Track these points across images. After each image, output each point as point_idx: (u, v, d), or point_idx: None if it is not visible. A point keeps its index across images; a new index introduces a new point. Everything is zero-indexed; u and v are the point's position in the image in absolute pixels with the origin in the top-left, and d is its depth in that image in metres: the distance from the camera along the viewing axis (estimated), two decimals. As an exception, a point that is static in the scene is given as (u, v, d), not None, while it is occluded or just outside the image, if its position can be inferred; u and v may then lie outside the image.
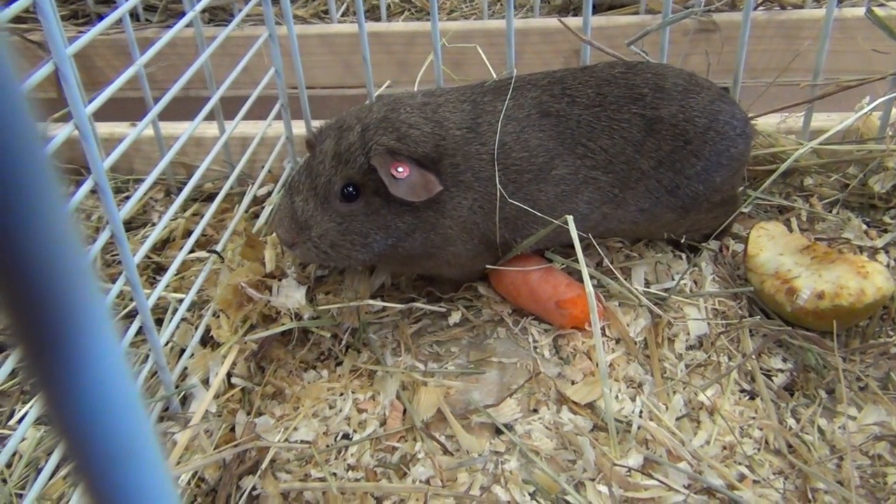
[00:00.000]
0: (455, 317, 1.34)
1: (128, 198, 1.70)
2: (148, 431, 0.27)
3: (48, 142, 0.90)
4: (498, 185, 1.21)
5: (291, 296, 1.26)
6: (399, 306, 1.33)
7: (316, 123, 1.54)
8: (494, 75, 1.44)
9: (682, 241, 1.37)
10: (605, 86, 1.26)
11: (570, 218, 1.16)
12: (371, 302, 1.31)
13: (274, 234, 1.46)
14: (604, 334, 1.27)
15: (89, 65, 2.13)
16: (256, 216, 1.59)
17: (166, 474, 0.28)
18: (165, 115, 1.52)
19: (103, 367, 0.26)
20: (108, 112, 1.36)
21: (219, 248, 1.40)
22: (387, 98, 1.26)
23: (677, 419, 1.14)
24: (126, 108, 1.69)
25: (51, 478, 1.08)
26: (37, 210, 0.24)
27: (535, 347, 1.28)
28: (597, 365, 1.23)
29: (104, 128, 1.75)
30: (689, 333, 1.26)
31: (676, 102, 1.26)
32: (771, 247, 1.32)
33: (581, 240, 1.19)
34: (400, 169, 1.16)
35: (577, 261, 1.27)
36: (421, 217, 1.20)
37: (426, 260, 1.25)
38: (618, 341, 1.27)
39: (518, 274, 1.31)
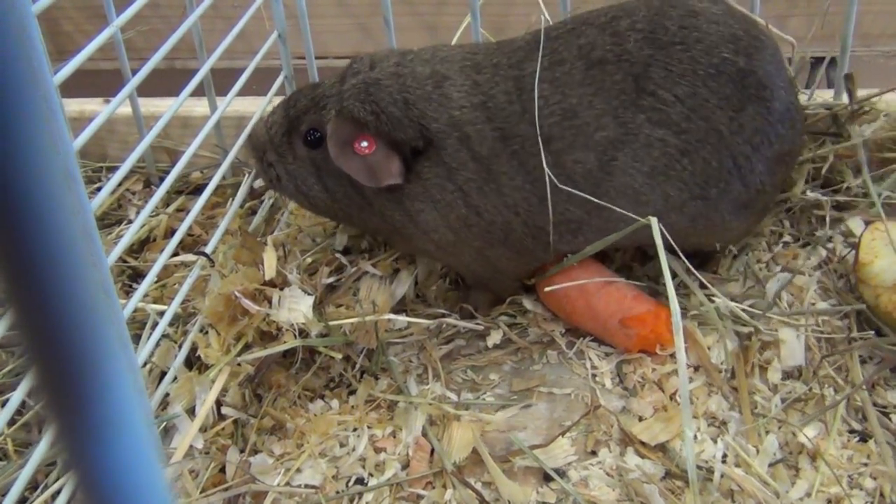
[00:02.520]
0: (495, 336, 1.34)
1: (99, 189, 1.72)
2: (164, 490, 0.32)
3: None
4: (546, 170, 1.21)
5: (295, 308, 1.27)
6: (426, 322, 1.33)
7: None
8: (548, 23, 1.43)
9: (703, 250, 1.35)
10: (692, 18, 1.25)
11: (654, 220, 1.15)
12: (392, 317, 1.31)
13: (274, 235, 1.48)
14: (679, 360, 1.26)
15: (56, 30, 2.17)
16: (253, 212, 1.60)
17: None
18: (145, 90, 1.53)
19: (125, 429, 0.31)
20: (78, 86, 1.38)
21: (208, 250, 1.41)
22: (397, 57, 1.29)
23: (770, 465, 1.13)
24: (99, 81, 1.72)
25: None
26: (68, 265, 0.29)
27: (594, 375, 1.27)
28: (671, 397, 1.22)
29: (72, 104, 1.78)
30: (785, 360, 1.25)
31: (771, 57, 1.25)
32: (888, 253, 1.30)
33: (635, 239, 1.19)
34: (364, 144, 1.22)
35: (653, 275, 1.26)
36: (380, 196, 1.26)
37: (404, 241, 1.32)
38: (697, 369, 1.26)
39: (573, 285, 1.30)
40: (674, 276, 1.33)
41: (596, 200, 1.21)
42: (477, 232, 1.26)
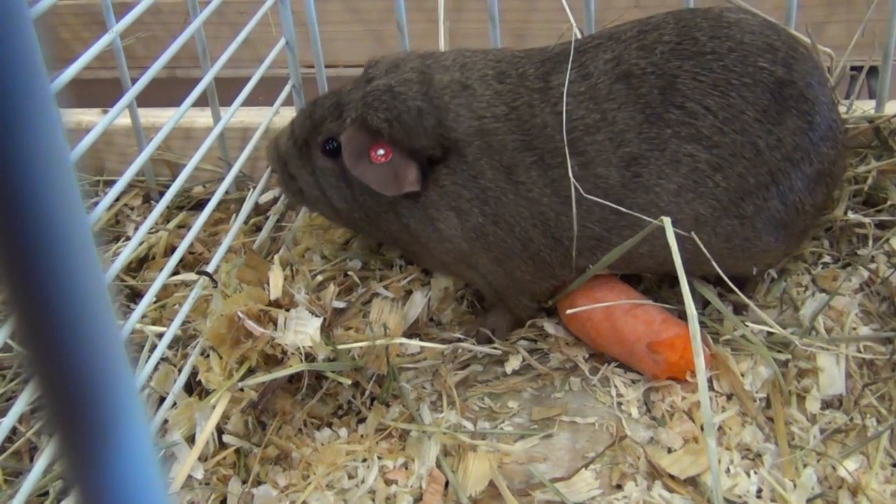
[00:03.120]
0: (514, 362, 1.34)
1: (97, 203, 1.73)
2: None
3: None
4: (571, 179, 1.21)
5: (302, 331, 1.27)
6: (441, 347, 1.33)
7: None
8: (579, 33, 1.44)
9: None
10: (725, 29, 1.25)
11: (667, 220, 1.15)
12: (404, 341, 1.31)
13: (280, 253, 1.48)
14: (711, 388, 1.25)
15: (52, 36, 2.19)
16: (258, 229, 1.61)
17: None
18: (145, 100, 1.54)
19: (132, 463, 0.33)
20: (75, 95, 1.40)
21: (210, 268, 1.41)
22: (416, 61, 1.32)
23: (808, 501, 1.12)
24: (97, 90, 1.73)
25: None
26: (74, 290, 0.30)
27: (620, 403, 1.27)
28: (701, 428, 1.22)
29: (69, 115, 1.79)
30: (824, 388, 1.24)
31: (811, 69, 1.25)
32: (935, 275, 1.30)
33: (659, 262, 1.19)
34: (380, 152, 1.26)
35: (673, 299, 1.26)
36: (401, 203, 1.30)
37: (423, 251, 1.34)
38: (730, 397, 1.25)
39: (597, 308, 1.30)
40: (705, 304, 1.34)
41: (621, 209, 1.21)
42: (493, 241, 1.28)
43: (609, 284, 1.33)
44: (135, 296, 1.53)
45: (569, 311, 1.32)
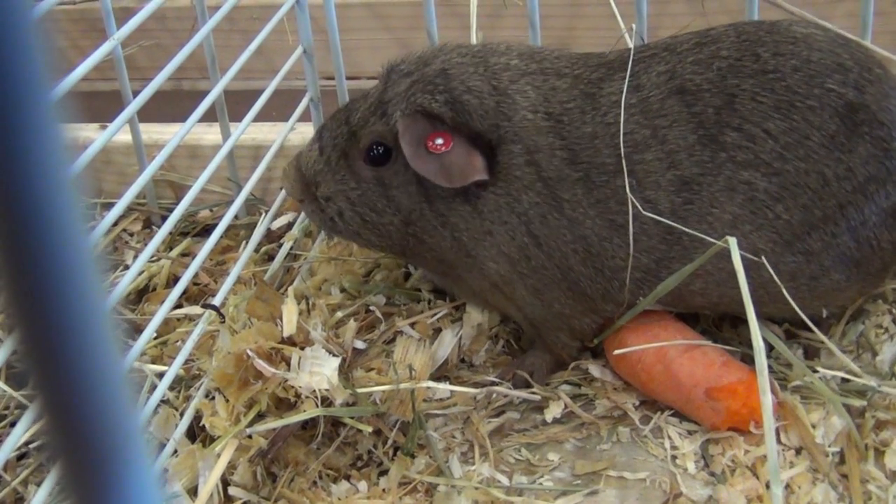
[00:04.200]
0: (555, 409, 1.33)
1: (93, 228, 1.75)
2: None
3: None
4: (629, 195, 1.21)
5: (318, 372, 1.27)
6: (473, 391, 1.33)
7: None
8: (631, 42, 1.44)
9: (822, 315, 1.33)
10: (791, 45, 1.25)
11: (732, 241, 1.15)
12: (432, 384, 1.31)
13: (295, 285, 1.49)
14: (779, 440, 1.24)
15: (49, 45, 2.23)
16: (271, 258, 1.62)
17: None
18: (148, 115, 1.56)
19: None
20: (71, 109, 1.41)
21: (216, 301, 1.42)
22: (462, 48, 1.33)
23: (890, 571, 1.11)
24: (95, 104, 1.75)
25: None
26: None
27: (674, 457, 1.26)
28: (767, 485, 1.21)
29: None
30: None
31: (888, 90, 1.25)
32: None
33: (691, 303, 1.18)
34: (439, 141, 1.24)
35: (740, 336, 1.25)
36: (456, 210, 1.28)
37: (466, 274, 1.34)
38: (799, 451, 1.24)
39: (649, 348, 1.30)
40: (770, 349, 1.33)
41: (676, 230, 1.21)
42: (534, 266, 1.28)
43: (662, 322, 1.33)
44: (133, 331, 1.54)
45: (616, 352, 1.31)
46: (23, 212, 0.30)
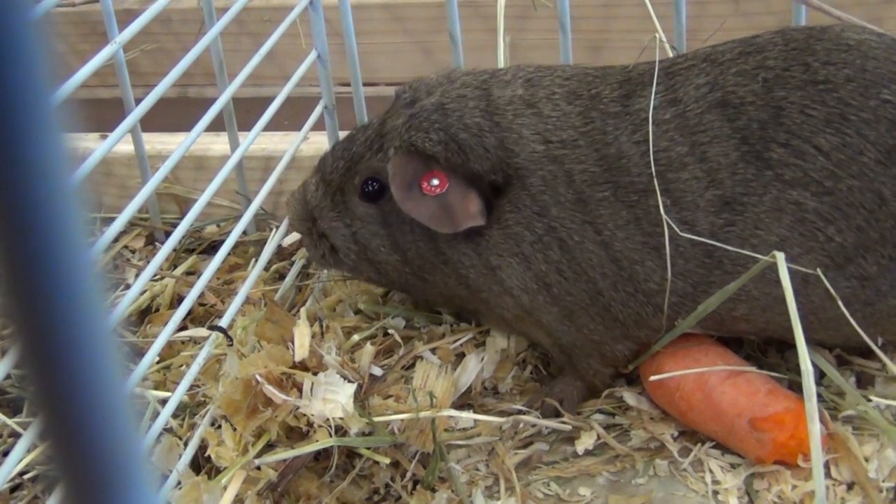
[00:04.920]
0: (587, 440, 1.33)
1: (92, 245, 1.76)
2: None
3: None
4: (664, 216, 1.21)
5: (332, 399, 1.28)
6: (498, 420, 1.33)
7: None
8: (669, 48, 1.45)
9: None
10: (844, 53, 1.25)
11: (780, 256, 1.14)
12: (454, 413, 1.31)
13: (308, 306, 1.50)
14: (828, 474, 1.24)
15: (48, 49, 2.25)
16: (282, 276, 1.62)
17: None
18: (151, 123, 1.58)
19: None
20: (69, 118, 1.43)
21: (224, 323, 1.43)
22: (466, 77, 1.35)
23: None
24: (95, 112, 1.77)
25: None
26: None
27: (716, 492, 1.26)
28: (816, 524, 1.20)
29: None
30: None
31: None
32: None
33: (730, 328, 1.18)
34: (434, 182, 1.27)
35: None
36: (457, 247, 1.31)
37: (481, 307, 1.36)
38: (850, 486, 1.24)
39: (688, 374, 1.30)
40: (821, 376, 1.32)
41: (717, 244, 1.21)
42: (558, 293, 1.29)
43: (703, 347, 1.32)
44: (135, 354, 1.54)
45: (653, 379, 1.31)
46: (19, 227, 0.30)
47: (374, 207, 1.35)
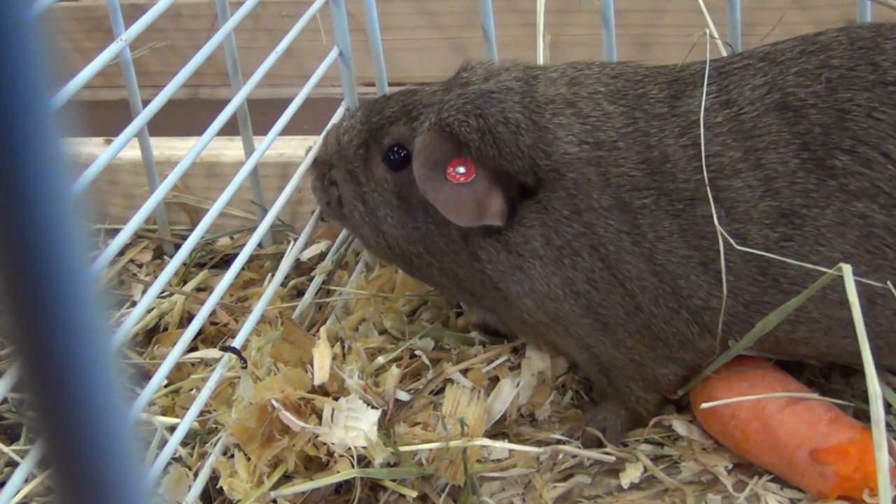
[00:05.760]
0: (632, 472, 1.32)
1: (96, 258, 1.77)
2: None
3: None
4: (719, 228, 1.21)
5: (354, 426, 1.28)
6: (535, 451, 1.32)
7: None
8: (721, 46, 1.45)
9: None
10: None
11: (846, 268, 1.13)
12: (487, 442, 1.31)
13: (328, 325, 1.50)
14: (897, 511, 1.23)
15: (49, 47, 2.26)
16: (300, 293, 1.62)
17: None
18: (160, 127, 1.58)
19: None
20: (72, 121, 1.44)
21: (237, 343, 1.43)
22: (520, 71, 1.36)
23: None
24: (99, 114, 1.78)
25: None
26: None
27: (774, 530, 1.25)
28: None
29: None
30: None
31: None
32: None
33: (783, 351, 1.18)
34: (461, 169, 1.28)
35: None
36: (476, 239, 1.32)
37: (497, 306, 1.37)
38: (923, 525, 1.23)
39: (743, 401, 1.29)
40: (888, 406, 1.31)
41: (774, 256, 1.20)
42: (588, 304, 1.29)
43: (759, 371, 1.32)
44: (141, 377, 1.55)
45: (705, 406, 1.30)
46: (15, 240, 0.30)
47: (395, 175, 1.37)
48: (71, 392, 0.32)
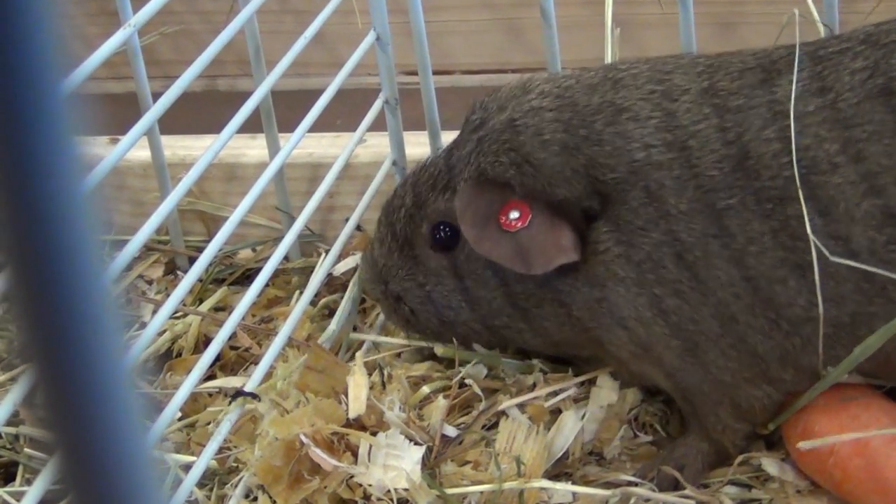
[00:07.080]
0: (715, 519, 1.32)
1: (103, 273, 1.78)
2: None
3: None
4: (811, 236, 1.20)
5: (395, 465, 1.28)
6: (603, 494, 1.32)
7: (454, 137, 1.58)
8: (821, 27, 1.44)
9: None
10: None
11: None
12: (548, 485, 1.31)
13: (364, 350, 1.50)
14: None
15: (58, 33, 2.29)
16: (331, 313, 1.62)
17: None
18: (172, 124, 1.59)
19: None
20: (76, 117, 1.45)
21: (261, 371, 1.43)
22: (544, 85, 1.35)
23: None
24: (104, 109, 1.79)
25: None
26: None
27: (880, 586, 1.24)
28: None
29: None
30: None
31: None
32: None
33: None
34: (514, 215, 1.28)
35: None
36: (550, 285, 1.32)
37: (590, 347, 1.38)
38: None
39: (844, 439, 1.28)
40: None
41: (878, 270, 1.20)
42: (676, 322, 1.28)
43: (864, 401, 1.31)
44: (152, 409, 1.56)
45: (801, 445, 1.30)
46: (12, 252, 0.30)
47: (448, 257, 1.38)
48: (76, 427, 0.32)
